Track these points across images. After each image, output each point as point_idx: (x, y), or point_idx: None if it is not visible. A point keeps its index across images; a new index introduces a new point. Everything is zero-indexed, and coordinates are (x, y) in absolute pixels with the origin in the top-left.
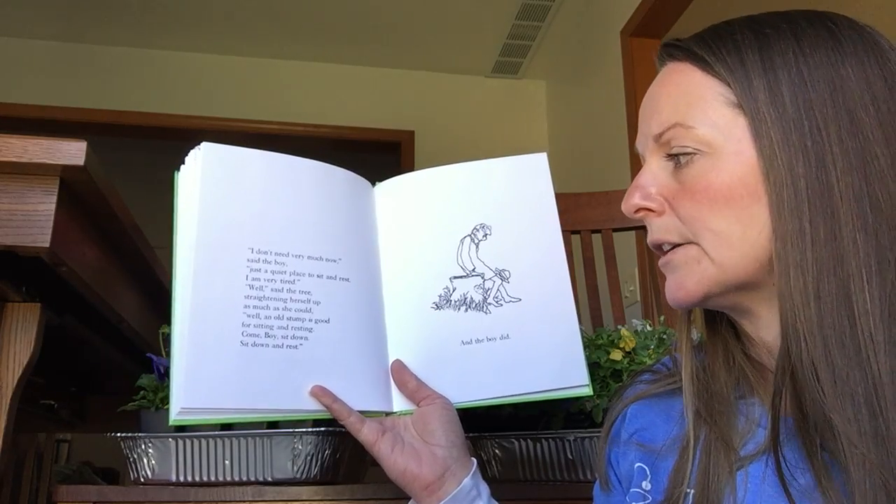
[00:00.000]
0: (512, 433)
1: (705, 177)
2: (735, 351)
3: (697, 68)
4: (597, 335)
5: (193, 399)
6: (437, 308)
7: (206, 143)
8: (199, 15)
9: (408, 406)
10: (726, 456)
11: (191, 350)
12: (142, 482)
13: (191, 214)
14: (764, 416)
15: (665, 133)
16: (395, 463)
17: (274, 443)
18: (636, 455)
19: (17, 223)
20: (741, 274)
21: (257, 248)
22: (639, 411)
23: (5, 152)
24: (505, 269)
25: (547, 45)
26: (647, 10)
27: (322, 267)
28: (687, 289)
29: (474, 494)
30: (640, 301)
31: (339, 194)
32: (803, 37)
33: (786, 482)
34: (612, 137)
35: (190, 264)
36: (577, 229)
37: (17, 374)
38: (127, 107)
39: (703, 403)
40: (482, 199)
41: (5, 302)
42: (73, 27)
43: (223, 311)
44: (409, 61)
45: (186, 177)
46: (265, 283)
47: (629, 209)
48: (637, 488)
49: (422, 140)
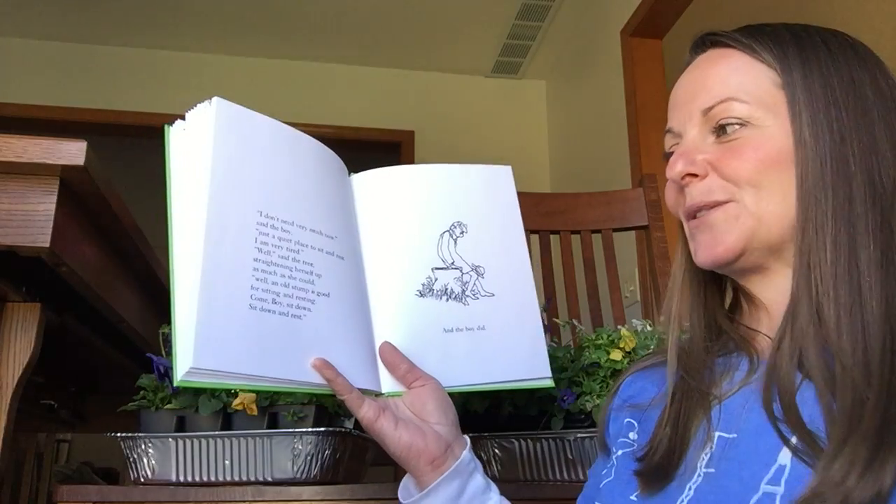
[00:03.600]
0: (512, 433)
1: (754, 140)
2: (721, 319)
3: (745, 53)
4: (597, 335)
5: (203, 360)
6: (421, 295)
7: (218, 98)
8: (200, 15)
9: (396, 388)
10: (700, 399)
11: (202, 308)
12: (142, 482)
13: (196, 170)
14: (744, 362)
15: (715, 107)
16: (399, 438)
17: (274, 443)
18: (626, 414)
19: (17, 223)
20: (776, 231)
21: (266, 213)
22: (632, 381)
23: (5, 152)
24: (480, 266)
25: (547, 45)
26: (647, 10)
27: (322, 241)
28: (726, 244)
29: (473, 467)
30: (640, 301)
31: (332, 175)
32: (829, 42)
33: (769, 399)
34: (612, 137)
35: (198, 221)
36: (577, 229)
37: (17, 374)
38: (127, 107)
39: (683, 364)
40: (457, 199)
41: (5, 302)
42: (73, 27)
43: (234, 271)
44: (409, 61)
45: (188, 132)
46: (273, 249)
47: (676, 175)
48: (624, 438)
49: (422, 140)
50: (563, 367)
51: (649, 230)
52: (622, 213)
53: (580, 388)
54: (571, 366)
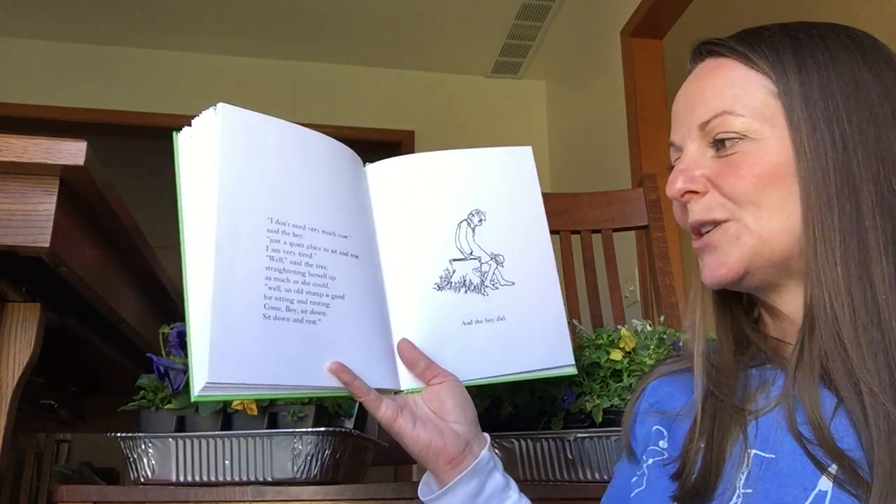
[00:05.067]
0: (512, 433)
1: (752, 156)
2: (748, 331)
3: (740, 62)
4: (597, 335)
5: (220, 374)
6: (439, 289)
7: (223, 104)
8: (200, 15)
9: (415, 384)
10: (734, 414)
11: (215, 321)
12: (142, 482)
13: (205, 179)
14: (779, 376)
15: (712, 121)
16: (418, 437)
17: (274, 443)
18: (655, 420)
19: (17, 223)
20: (778, 248)
21: (276, 219)
22: (658, 385)
23: (5, 152)
24: (499, 254)
25: (547, 45)
26: (647, 11)
27: (335, 242)
28: (729, 264)
29: (492, 465)
30: (640, 301)
31: (344, 170)
32: (830, 43)
33: (794, 421)
34: (612, 137)
35: (209, 231)
36: (577, 229)
37: (17, 374)
38: (127, 107)
39: (711, 379)
40: (475, 185)
41: (5, 302)
42: (73, 27)
43: (246, 281)
44: (409, 61)
45: (195, 139)
46: (284, 255)
47: (675, 193)
48: (654, 446)
49: (422, 140)
50: None
51: (649, 230)
52: (622, 213)
53: (580, 388)
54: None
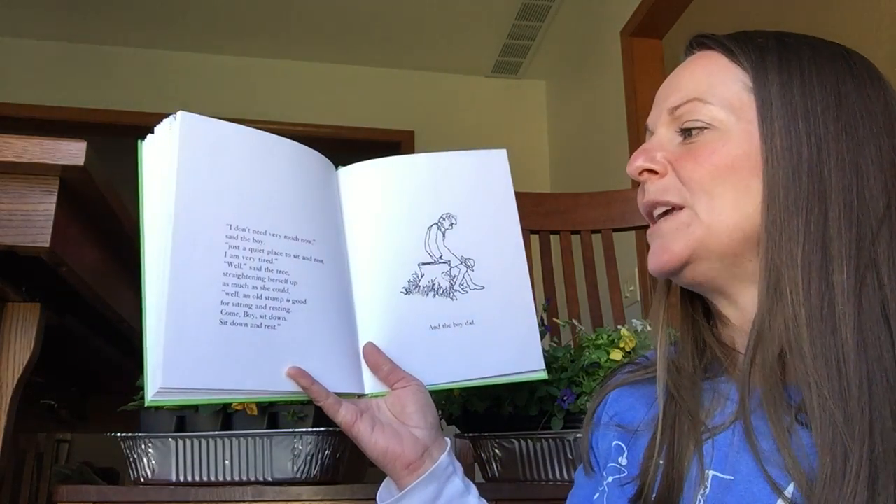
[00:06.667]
0: (512, 433)
1: (711, 145)
2: (706, 335)
3: (723, 55)
4: (597, 335)
5: (172, 379)
6: (407, 293)
7: (183, 112)
8: (200, 15)
9: (380, 388)
10: (692, 429)
11: (170, 327)
12: (142, 482)
13: (164, 186)
14: (733, 391)
15: (681, 106)
16: (376, 443)
17: (274, 443)
18: (615, 435)
19: (17, 223)
20: (726, 241)
21: (235, 225)
22: (619, 396)
23: (5, 152)
24: (469, 258)
25: (547, 45)
26: (647, 10)
27: (298, 247)
28: (672, 251)
29: (451, 471)
30: (640, 301)
31: (311, 174)
32: (819, 52)
33: (753, 440)
34: (612, 137)
35: (166, 238)
36: (577, 229)
37: (17, 374)
38: (127, 107)
39: (673, 381)
40: (446, 189)
41: (5, 302)
42: (73, 27)
43: (202, 288)
44: (409, 61)
45: (157, 146)
46: (243, 261)
47: (633, 171)
48: (614, 463)
49: (422, 140)
50: (563, 367)
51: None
52: (622, 213)
53: (580, 388)
54: (571, 366)
